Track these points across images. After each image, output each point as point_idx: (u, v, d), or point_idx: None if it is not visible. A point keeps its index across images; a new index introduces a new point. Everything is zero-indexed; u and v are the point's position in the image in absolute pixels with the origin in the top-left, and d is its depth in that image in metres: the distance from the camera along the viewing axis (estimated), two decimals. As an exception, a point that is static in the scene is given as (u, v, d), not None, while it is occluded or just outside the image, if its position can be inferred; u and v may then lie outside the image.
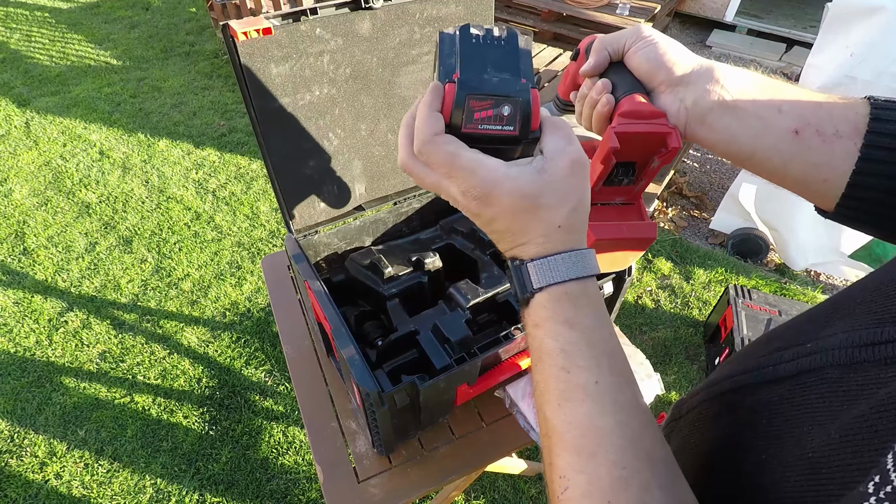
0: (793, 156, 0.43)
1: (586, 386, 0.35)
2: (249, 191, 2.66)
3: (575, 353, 0.36)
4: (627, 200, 0.55)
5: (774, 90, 0.44)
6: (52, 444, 1.69)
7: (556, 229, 0.38)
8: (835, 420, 0.31)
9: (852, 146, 0.41)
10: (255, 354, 1.95)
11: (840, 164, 0.41)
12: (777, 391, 0.38)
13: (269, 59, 0.75)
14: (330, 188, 0.93)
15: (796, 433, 0.33)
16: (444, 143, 0.38)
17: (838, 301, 0.41)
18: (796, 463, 0.32)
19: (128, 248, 2.35)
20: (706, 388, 0.48)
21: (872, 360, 0.31)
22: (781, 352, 0.40)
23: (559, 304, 0.38)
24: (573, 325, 0.37)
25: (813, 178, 0.43)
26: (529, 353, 0.40)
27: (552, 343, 0.37)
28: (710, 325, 2.01)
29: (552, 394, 0.37)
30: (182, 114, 3.20)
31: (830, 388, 0.33)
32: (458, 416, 0.94)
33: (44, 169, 2.77)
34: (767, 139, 0.44)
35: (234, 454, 1.68)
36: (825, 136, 0.42)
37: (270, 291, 1.19)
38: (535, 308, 0.39)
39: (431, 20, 0.86)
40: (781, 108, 0.43)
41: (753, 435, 0.38)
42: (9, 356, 1.93)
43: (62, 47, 3.86)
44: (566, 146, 0.39)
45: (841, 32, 1.66)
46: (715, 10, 4.18)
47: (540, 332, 0.38)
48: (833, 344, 0.35)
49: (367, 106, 0.89)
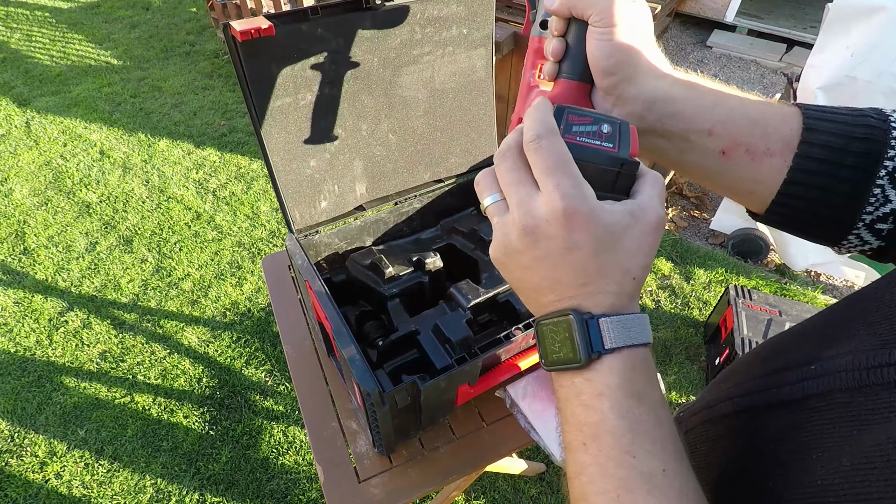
0: (719, 172, 0.43)
1: (653, 474, 0.31)
2: (250, 191, 2.66)
3: (643, 435, 0.32)
4: None
5: (711, 107, 0.42)
6: (53, 444, 1.69)
7: (630, 280, 0.35)
8: (845, 446, 0.30)
9: (782, 162, 0.41)
10: (256, 354, 1.95)
11: (768, 179, 0.42)
12: (783, 416, 0.37)
13: (270, 58, 0.75)
14: (331, 188, 0.93)
15: (805, 460, 0.32)
16: (561, 143, 0.34)
17: (831, 319, 0.41)
18: (804, 490, 0.31)
19: (128, 247, 2.35)
20: (706, 409, 0.47)
21: (881, 382, 0.31)
22: (782, 373, 0.39)
23: (633, 373, 0.33)
24: (643, 400, 0.33)
25: (741, 189, 0.44)
26: (572, 429, 0.34)
27: (618, 421, 0.32)
28: (710, 325, 2.01)
29: (611, 482, 0.32)
30: (182, 114, 3.20)
31: (840, 413, 0.32)
32: (459, 416, 0.94)
33: (44, 169, 2.77)
34: (692, 157, 0.44)
35: (234, 454, 1.68)
36: (754, 155, 0.41)
37: (271, 291, 1.19)
38: (602, 373, 0.33)
39: (432, 20, 0.86)
40: (712, 131, 0.42)
41: (759, 462, 0.37)
42: (9, 356, 1.93)
43: (62, 47, 3.86)
44: (659, 204, 0.36)
45: (841, 32, 1.66)
46: (715, 10, 4.18)
47: (604, 404, 0.33)
48: (840, 366, 0.34)
49: (367, 106, 0.89)
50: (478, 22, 0.91)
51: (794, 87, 1.92)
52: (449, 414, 0.92)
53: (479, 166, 1.08)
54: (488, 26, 0.92)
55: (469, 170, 1.07)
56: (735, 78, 3.71)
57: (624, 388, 0.33)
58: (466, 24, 0.90)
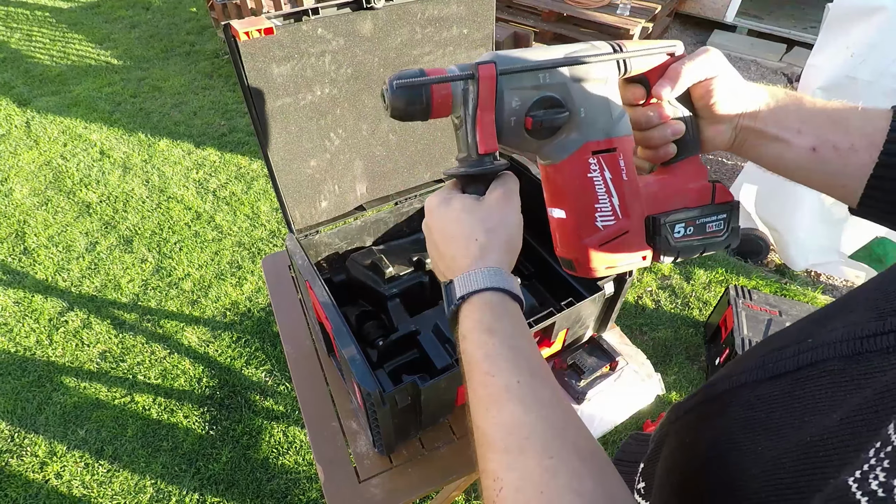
0: (813, 169, 0.49)
1: (509, 386, 0.38)
2: (250, 191, 2.66)
3: (496, 357, 0.39)
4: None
5: (796, 109, 0.49)
6: (53, 444, 1.69)
7: (472, 241, 0.45)
8: (837, 409, 0.31)
9: (868, 158, 0.46)
10: (256, 354, 1.95)
11: (856, 173, 0.47)
12: (778, 386, 0.38)
13: (271, 59, 0.75)
14: (331, 188, 0.93)
15: (796, 424, 0.33)
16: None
17: (837, 303, 0.42)
18: (793, 450, 0.32)
19: (128, 247, 2.35)
20: (704, 389, 0.48)
21: (875, 349, 0.32)
22: (782, 349, 0.40)
23: (481, 313, 0.42)
24: (494, 331, 0.41)
25: (832, 184, 0.49)
26: (463, 374, 0.42)
27: (477, 351, 0.40)
28: (710, 325, 2.01)
29: (480, 400, 0.39)
30: (182, 113, 3.20)
31: (833, 379, 0.33)
32: (459, 416, 0.94)
33: (44, 168, 2.77)
34: (788, 156, 0.50)
35: (234, 454, 1.68)
36: (841, 151, 0.47)
37: (271, 291, 1.19)
38: (461, 321, 0.43)
39: (433, 20, 0.86)
40: (801, 129, 0.48)
41: (751, 429, 0.38)
42: (9, 356, 1.93)
43: (63, 47, 3.86)
44: (501, 183, 0.47)
45: (841, 32, 1.66)
46: (715, 10, 4.18)
47: (468, 344, 0.41)
48: (835, 338, 0.35)
49: (368, 106, 0.89)
50: (478, 22, 0.91)
51: (794, 88, 1.92)
52: (449, 414, 0.92)
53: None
54: (488, 26, 0.92)
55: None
56: (735, 78, 3.71)
57: (478, 327, 0.41)
58: (466, 24, 0.90)
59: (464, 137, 0.46)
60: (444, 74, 0.44)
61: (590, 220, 0.48)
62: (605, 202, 0.48)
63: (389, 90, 0.44)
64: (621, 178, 0.48)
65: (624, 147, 0.49)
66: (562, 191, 0.49)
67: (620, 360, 1.01)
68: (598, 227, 0.48)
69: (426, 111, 0.44)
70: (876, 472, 0.23)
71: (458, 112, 0.45)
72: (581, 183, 0.48)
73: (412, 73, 0.44)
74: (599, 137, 0.47)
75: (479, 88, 0.43)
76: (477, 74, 0.43)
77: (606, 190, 0.48)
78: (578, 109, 0.46)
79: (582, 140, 0.47)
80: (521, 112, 0.45)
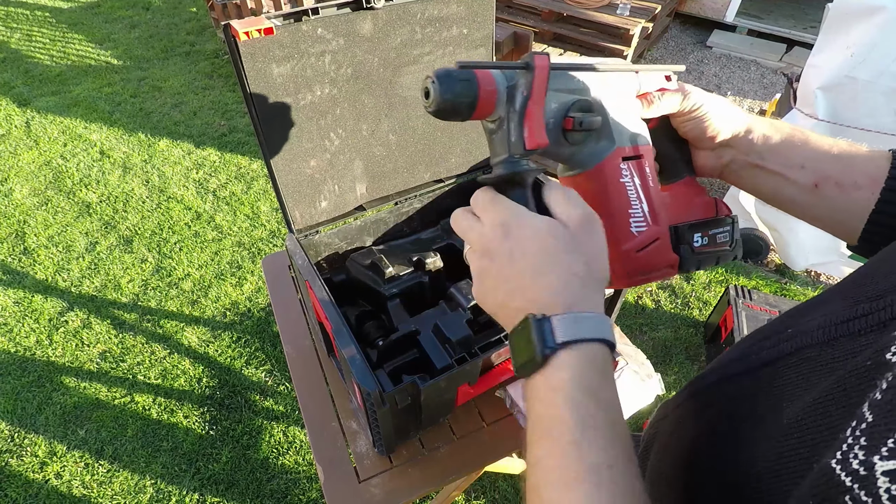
0: (813, 204, 0.49)
1: (599, 468, 0.32)
2: (250, 191, 2.66)
3: (594, 429, 0.33)
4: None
5: (801, 146, 0.49)
6: (53, 444, 1.69)
7: (573, 276, 0.37)
8: (812, 391, 0.32)
9: (869, 195, 0.46)
10: (256, 354, 1.95)
11: (857, 211, 0.47)
12: (758, 376, 0.39)
13: (271, 59, 0.75)
14: (331, 188, 0.93)
15: (777, 410, 0.34)
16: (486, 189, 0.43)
17: (818, 297, 0.44)
18: (773, 435, 0.33)
19: (128, 247, 2.35)
20: (689, 386, 0.50)
21: (847, 334, 0.33)
22: (763, 342, 0.41)
23: (583, 367, 0.35)
24: (597, 397, 0.34)
25: (833, 220, 0.50)
26: (532, 425, 0.36)
27: (569, 413, 0.33)
28: (710, 325, 2.01)
29: (559, 473, 0.32)
30: (182, 113, 3.20)
31: (810, 366, 0.34)
32: (459, 416, 0.94)
33: (44, 169, 2.77)
34: (789, 191, 0.50)
35: (234, 454, 1.68)
36: (843, 188, 0.47)
37: (271, 291, 1.19)
38: (557, 368, 0.35)
39: (433, 20, 0.86)
40: (804, 165, 0.49)
41: (735, 421, 0.39)
42: (9, 356, 1.93)
43: (63, 47, 3.86)
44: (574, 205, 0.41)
45: (841, 32, 1.66)
46: (715, 10, 4.18)
47: (558, 397, 0.34)
48: (811, 326, 0.36)
49: (368, 106, 0.89)
50: (478, 22, 0.91)
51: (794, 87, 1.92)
52: (449, 414, 0.92)
53: (478, 166, 1.08)
54: (488, 26, 0.92)
55: (469, 170, 1.07)
56: (735, 78, 3.71)
57: (576, 382, 0.34)
58: (466, 24, 0.90)
59: (505, 137, 0.43)
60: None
61: (626, 226, 0.49)
62: (637, 208, 0.49)
63: (437, 82, 0.41)
64: (648, 184, 0.50)
65: (648, 155, 0.50)
66: (596, 198, 0.48)
67: (620, 360, 1.01)
68: (634, 234, 0.49)
69: (472, 106, 0.42)
70: (855, 451, 0.24)
71: (500, 112, 0.43)
72: (615, 188, 0.48)
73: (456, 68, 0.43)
74: (627, 144, 0.49)
75: (534, 78, 0.42)
76: (533, 64, 0.42)
77: (637, 196, 0.49)
78: (608, 116, 0.48)
79: (613, 146, 0.48)
80: (558, 115, 0.45)
